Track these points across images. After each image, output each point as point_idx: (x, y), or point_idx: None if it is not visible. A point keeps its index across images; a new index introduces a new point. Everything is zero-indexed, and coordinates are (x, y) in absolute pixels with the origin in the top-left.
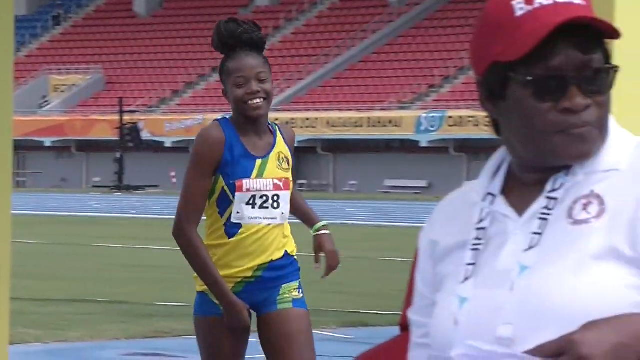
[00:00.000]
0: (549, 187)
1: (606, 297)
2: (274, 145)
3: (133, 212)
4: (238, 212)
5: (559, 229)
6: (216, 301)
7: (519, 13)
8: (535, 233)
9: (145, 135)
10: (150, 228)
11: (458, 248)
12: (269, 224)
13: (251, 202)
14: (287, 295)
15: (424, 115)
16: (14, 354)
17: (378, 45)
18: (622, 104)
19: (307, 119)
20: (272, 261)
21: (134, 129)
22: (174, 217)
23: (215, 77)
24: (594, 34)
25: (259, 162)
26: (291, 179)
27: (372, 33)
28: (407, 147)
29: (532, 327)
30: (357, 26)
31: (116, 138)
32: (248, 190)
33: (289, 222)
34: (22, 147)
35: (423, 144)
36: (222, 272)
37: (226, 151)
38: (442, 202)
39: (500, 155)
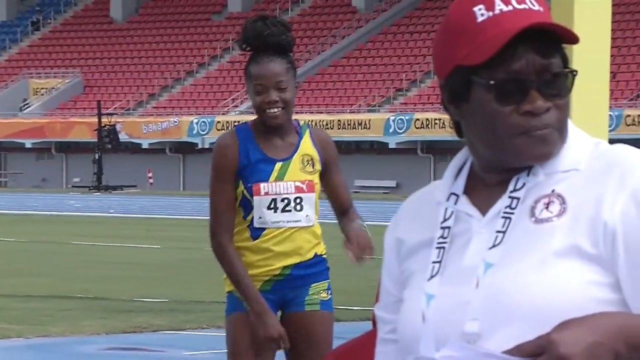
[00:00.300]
0: (511, 187)
1: (568, 293)
2: (297, 147)
3: (111, 211)
4: (260, 217)
5: (522, 228)
6: (239, 298)
7: (480, 19)
8: (499, 231)
9: (122, 137)
10: (128, 226)
11: (423, 246)
12: (293, 227)
13: (272, 206)
14: (316, 297)
15: (393, 117)
16: None
17: (347, 50)
18: (580, 106)
19: None
20: (295, 265)
21: (112, 131)
22: (151, 216)
23: (190, 80)
24: (553, 39)
25: (279, 165)
26: (317, 181)
27: (342, 38)
28: (377, 148)
29: (498, 323)
30: (327, 32)
31: (95, 140)
32: (266, 193)
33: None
34: (3, 149)
35: (392, 146)
36: (249, 272)
37: (241, 156)
38: (407, 201)
39: (463, 156)
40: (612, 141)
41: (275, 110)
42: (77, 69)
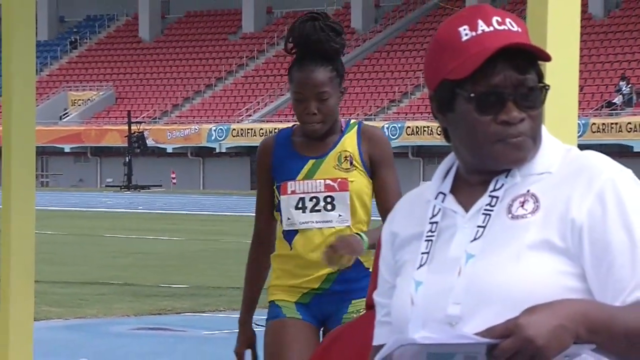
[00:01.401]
0: (491, 187)
1: (540, 281)
2: (336, 144)
3: (140, 208)
4: (289, 218)
5: (500, 223)
6: (280, 306)
7: (464, 38)
8: (479, 226)
9: (150, 142)
10: (154, 221)
11: (414, 239)
12: (325, 228)
13: (300, 205)
14: (355, 315)
15: (387, 125)
16: (38, 329)
17: (347, 66)
18: (553, 116)
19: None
20: (340, 271)
21: (141, 137)
22: (174, 212)
23: (210, 92)
24: (529, 58)
25: (311, 162)
26: (355, 179)
27: (342, 55)
28: None
29: (477, 306)
30: None
31: (125, 145)
32: (293, 192)
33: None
34: (45, 153)
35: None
36: (289, 282)
37: (274, 156)
38: (402, 199)
39: (450, 159)
40: (580, 146)
41: (314, 124)
42: (110, 82)
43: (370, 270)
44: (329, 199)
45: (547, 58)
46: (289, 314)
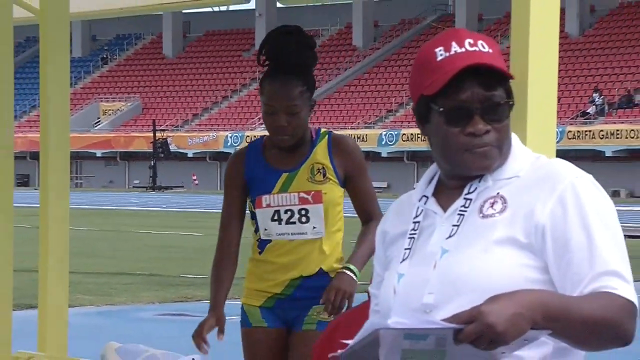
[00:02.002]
0: (466, 190)
1: (504, 272)
2: (308, 156)
3: (164, 206)
4: (265, 229)
5: (472, 222)
6: (247, 312)
7: (439, 58)
8: (454, 225)
9: (172, 148)
10: (176, 219)
11: (401, 236)
12: (296, 239)
13: (276, 218)
14: (315, 316)
15: (384, 132)
16: (73, 315)
17: (349, 80)
18: (535, 124)
19: None
20: (303, 277)
21: (164, 143)
22: (194, 210)
23: (226, 103)
24: (496, 76)
25: (284, 175)
26: (327, 191)
27: (344, 70)
28: (372, 157)
29: (449, 296)
30: (333, 65)
31: (150, 150)
32: (268, 205)
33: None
34: (79, 157)
35: (383, 155)
36: (256, 285)
37: (247, 169)
38: (395, 202)
39: (435, 167)
40: (558, 152)
41: (284, 137)
42: (137, 94)
43: (331, 274)
44: (303, 212)
45: (510, 77)
46: (254, 323)
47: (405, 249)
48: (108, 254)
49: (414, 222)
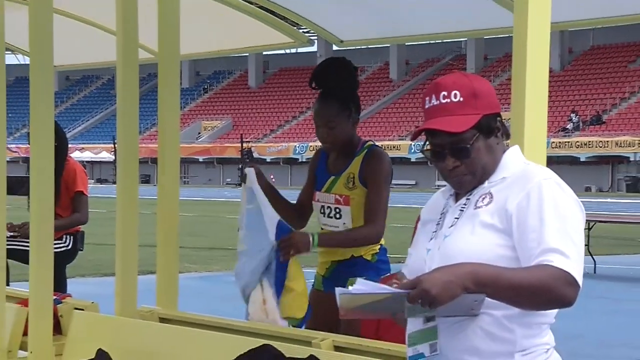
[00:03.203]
0: (469, 193)
1: (484, 249)
2: (347, 166)
3: None
4: (318, 218)
5: (468, 213)
6: (315, 278)
7: (427, 106)
8: (455, 218)
9: (255, 155)
10: None
11: (431, 222)
12: (333, 230)
13: (322, 211)
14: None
15: (413, 143)
16: (181, 279)
17: (387, 104)
18: (530, 136)
19: None
20: (339, 261)
21: (249, 152)
22: None
23: (295, 122)
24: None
25: (331, 178)
26: (355, 196)
27: (384, 96)
28: (403, 162)
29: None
30: (375, 93)
31: (239, 156)
32: (317, 200)
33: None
34: (186, 162)
35: (412, 160)
36: (319, 259)
37: (317, 166)
38: (432, 197)
39: None
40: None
41: (326, 145)
42: (229, 115)
43: (365, 257)
44: (337, 210)
45: (454, 132)
46: (316, 286)
47: (432, 232)
48: (207, 234)
49: (442, 214)
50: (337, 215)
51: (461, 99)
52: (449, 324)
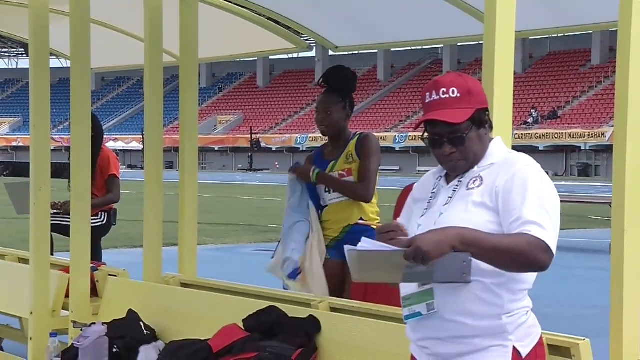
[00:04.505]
0: (460, 175)
1: (476, 224)
2: (343, 150)
3: (256, 182)
4: (322, 199)
5: (461, 193)
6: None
7: (427, 100)
8: (449, 197)
9: (263, 144)
10: (265, 189)
11: (422, 200)
12: (340, 201)
13: (326, 189)
14: None
15: (397, 134)
16: (200, 250)
17: (375, 101)
18: (499, 128)
19: None
20: (350, 225)
21: (257, 142)
22: (276, 184)
23: (296, 117)
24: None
25: (332, 163)
26: (354, 168)
27: (372, 95)
28: (389, 150)
29: None
30: (365, 92)
31: (248, 146)
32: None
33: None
34: (203, 150)
35: (397, 149)
36: (325, 233)
37: (314, 161)
38: (422, 177)
39: None
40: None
41: (321, 128)
42: (240, 111)
43: (370, 223)
44: None
45: (453, 123)
46: (328, 256)
47: (424, 209)
48: (222, 212)
49: (432, 192)
50: None
51: (458, 95)
52: (444, 290)
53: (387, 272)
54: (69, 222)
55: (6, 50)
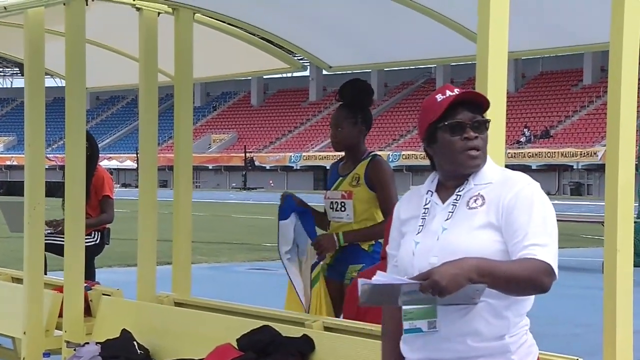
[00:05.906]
0: (457, 190)
1: (483, 244)
2: (353, 169)
3: (251, 200)
4: (328, 214)
5: (462, 211)
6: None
7: (439, 100)
8: (450, 212)
9: (257, 163)
10: (259, 208)
11: (413, 217)
12: (339, 222)
13: (331, 206)
14: (350, 274)
15: (391, 153)
16: (193, 269)
17: None
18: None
19: (337, 155)
20: (342, 247)
21: (251, 161)
22: (269, 202)
23: (289, 136)
24: (478, 106)
25: (340, 179)
26: (357, 192)
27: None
28: None
29: (447, 258)
30: None
31: (242, 164)
32: (327, 197)
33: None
34: (198, 169)
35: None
36: None
37: (331, 175)
38: (406, 193)
39: (434, 174)
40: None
41: (334, 143)
42: (234, 129)
43: (362, 247)
44: (342, 204)
45: (488, 103)
46: (323, 273)
47: (419, 225)
48: (216, 230)
49: (424, 208)
50: (342, 208)
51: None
52: (450, 311)
53: (395, 299)
54: (62, 241)
55: (1, 69)
